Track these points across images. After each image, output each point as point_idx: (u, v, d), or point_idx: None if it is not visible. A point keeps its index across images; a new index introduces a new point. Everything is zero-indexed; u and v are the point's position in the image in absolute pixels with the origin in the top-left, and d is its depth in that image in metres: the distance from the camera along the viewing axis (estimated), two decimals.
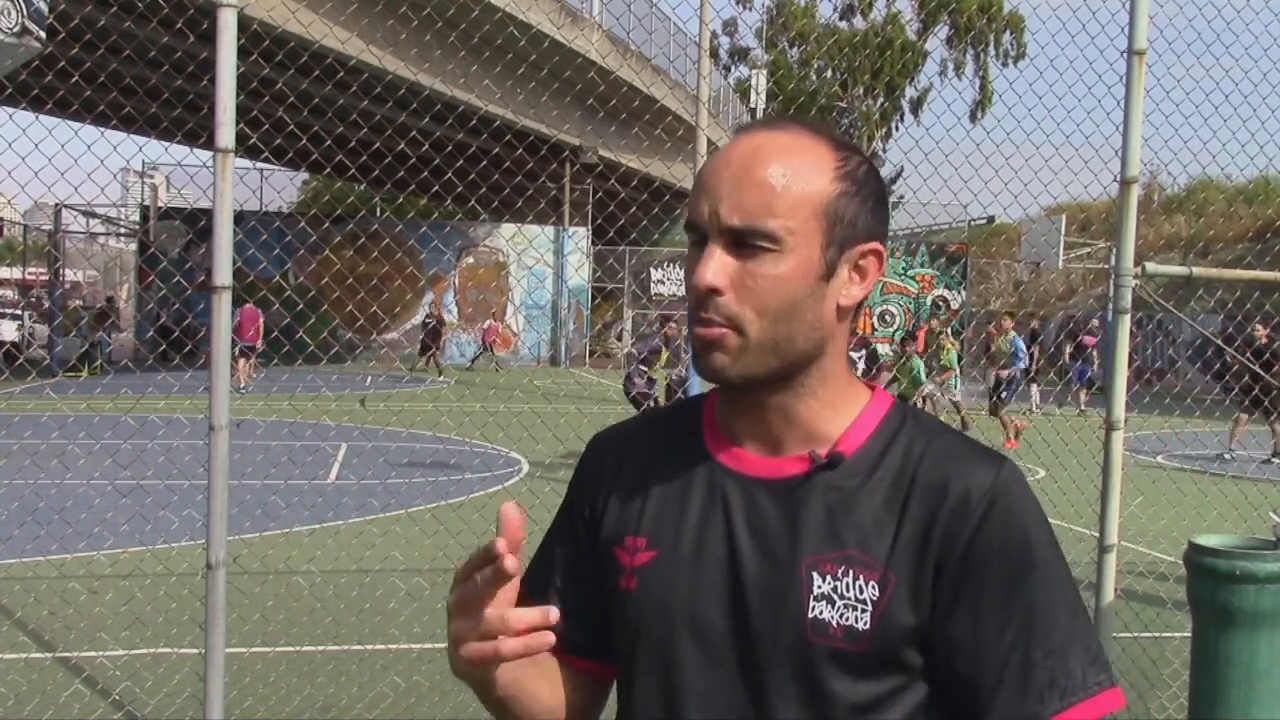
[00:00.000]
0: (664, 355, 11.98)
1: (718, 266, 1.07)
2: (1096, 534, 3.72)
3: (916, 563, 1.06)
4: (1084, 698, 1.05)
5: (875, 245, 1.13)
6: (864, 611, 1.05)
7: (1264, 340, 14.43)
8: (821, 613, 1.06)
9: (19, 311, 31.91)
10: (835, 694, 1.06)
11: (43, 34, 5.63)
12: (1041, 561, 1.07)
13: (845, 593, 1.06)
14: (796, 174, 1.07)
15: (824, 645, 1.06)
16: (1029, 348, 21.22)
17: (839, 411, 1.14)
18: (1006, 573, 1.06)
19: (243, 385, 19.51)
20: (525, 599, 1.29)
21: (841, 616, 1.06)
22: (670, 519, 1.16)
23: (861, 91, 45.18)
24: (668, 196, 31.16)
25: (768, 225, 1.06)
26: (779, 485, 1.12)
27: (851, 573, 1.07)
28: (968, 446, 1.12)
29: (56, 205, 24.74)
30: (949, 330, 23.72)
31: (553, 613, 1.00)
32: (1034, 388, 20.34)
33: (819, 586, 1.07)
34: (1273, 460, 13.16)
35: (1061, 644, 1.06)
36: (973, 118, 44.12)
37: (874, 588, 1.06)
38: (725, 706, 1.09)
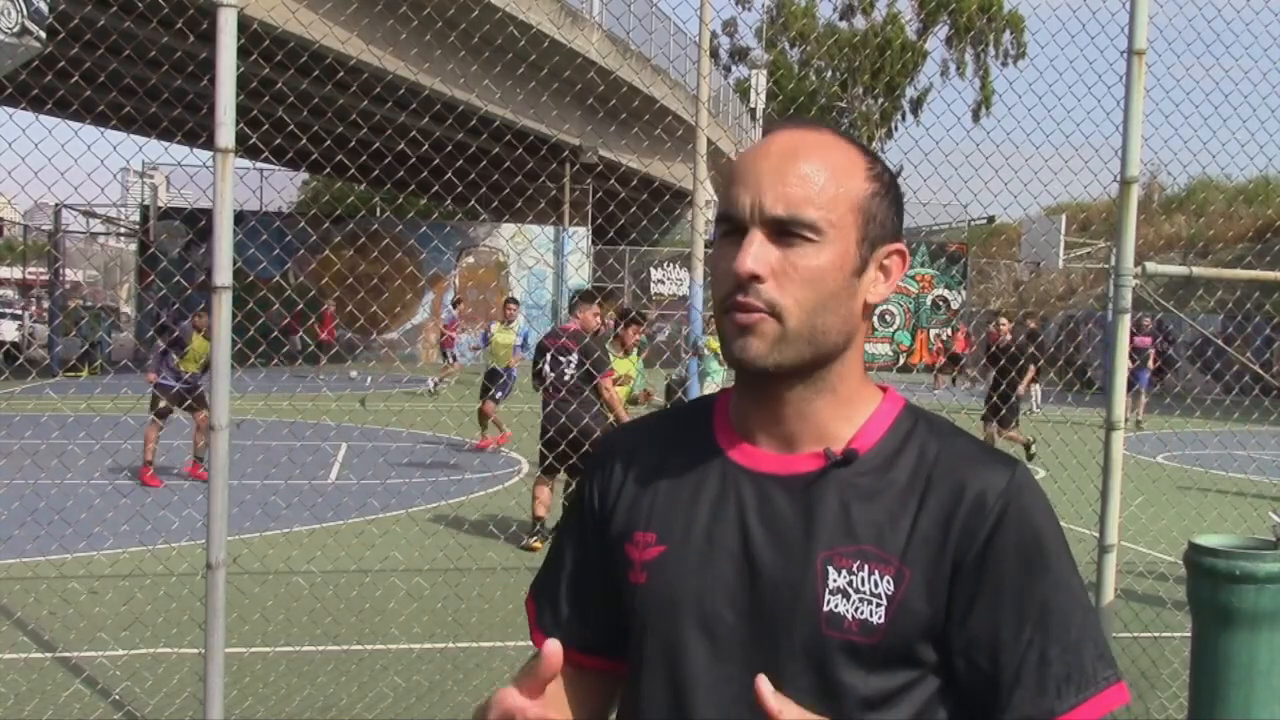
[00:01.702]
0: (197, 343, 10.18)
1: (759, 254, 1.08)
2: (1096, 534, 3.73)
3: (933, 559, 1.08)
4: (1096, 692, 1.08)
5: (899, 246, 1.16)
6: (879, 605, 1.07)
7: (1007, 338, 12.44)
8: (837, 606, 1.07)
9: (19, 311, 31.91)
10: (847, 687, 1.07)
11: (43, 34, 5.62)
12: (1055, 560, 1.09)
13: (860, 586, 1.07)
14: (836, 169, 1.11)
15: (839, 638, 1.07)
16: (1029, 348, 21.19)
17: (854, 409, 1.16)
18: (1023, 571, 1.08)
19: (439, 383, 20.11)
20: (535, 600, 1.31)
21: (856, 610, 1.07)
22: (681, 514, 1.16)
23: (861, 91, 45.18)
24: (668, 196, 31.14)
25: (811, 215, 1.08)
26: (793, 481, 1.13)
27: (867, 567, 1.08)
28: (981, 448, 1.15)
29: (56, 205, 24.73)
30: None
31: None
32: (1035, 388, 20.30)
33: (834, 580, 1.08)
34: None
35: (1076, 640, 1.08)
36: (974, 118, 44.15)
37: (889, 582, 1.07)
38: (733, 699, 1.10)
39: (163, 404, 9.85)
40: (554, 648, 0.99)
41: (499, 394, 12.44)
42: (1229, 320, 21.38)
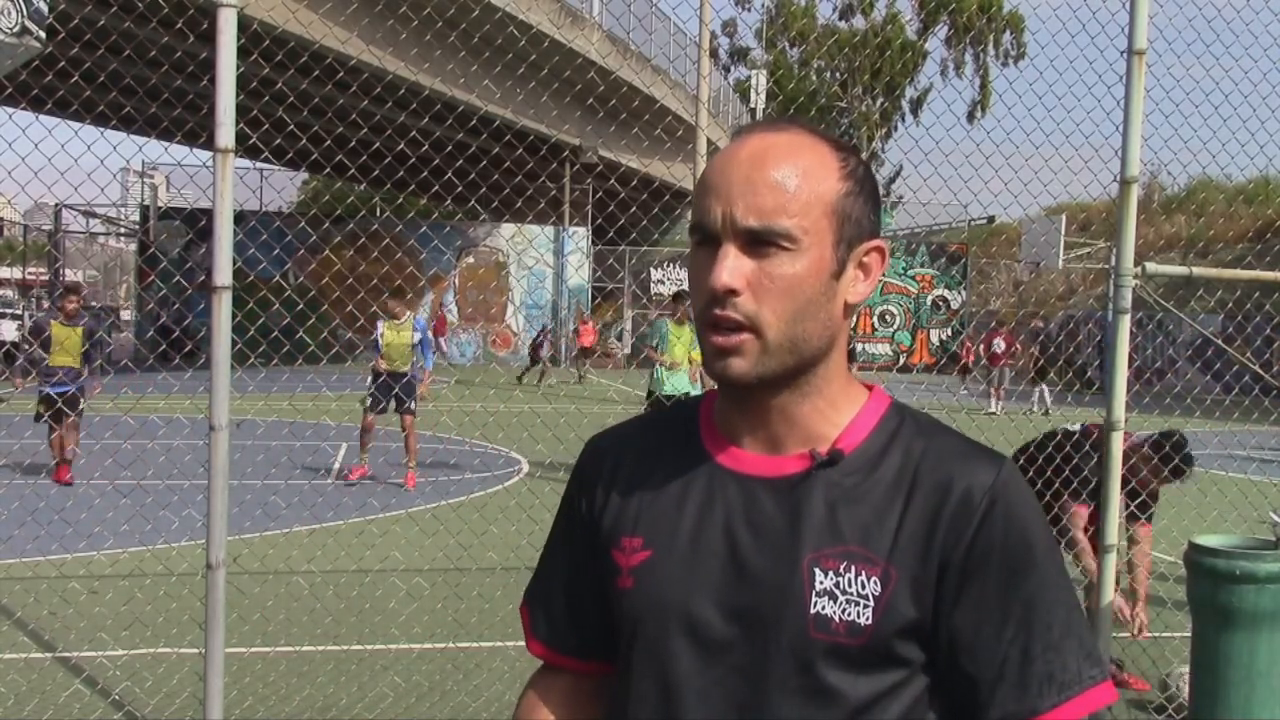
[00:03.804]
0: (56, 330, 10.14)
1: (734, 267, 1.07)
2: None
3: (919, 559, 1.07)
4: (1079, 691, 1.07)
5: (878, 243, 1.15)
6: (866, 607, 1.06)
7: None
8: (824, 608, 1.07)
9: (19, 311, 31.92)
10: (836, 689, 1.06)
11: (43, 34, 5.62)
12: (1041, 559, 1.09)
13: (847, 588, 1.07)
14: (806, 174, 1.08)
15: (826, 641, 1.06)
16: (1029, 348, 21.16)
17: (839, 410, 1.15)
18: (1007, 570, 1.07)
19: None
20: (529, 608, 1.30)
21: (844, 612, 1.06)
22: (667, 519, 1.16)
23: (861, 91, 45.18)
24: (668, 196, 31.17)
25: (784, 224, 1.06)
26: (779, 483, 1.12)
27: (853, 568, 1.07)
28: (968, 445, 1.13)
29: (56, 205, 24.77)
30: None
31: None
32: (1039, 388, 20.28)
33: (821, 582, 1.07)
34: None
35: (1059, 639, 1.07)
36: (970, 118, 44.15)
37: (875, 583, 1.07)
38: (723, 703, 1.10)
39: (55, 407, 10.03)
40: None
41: (413, 404, 10.78)
42: (1229, 320, 21.37)
